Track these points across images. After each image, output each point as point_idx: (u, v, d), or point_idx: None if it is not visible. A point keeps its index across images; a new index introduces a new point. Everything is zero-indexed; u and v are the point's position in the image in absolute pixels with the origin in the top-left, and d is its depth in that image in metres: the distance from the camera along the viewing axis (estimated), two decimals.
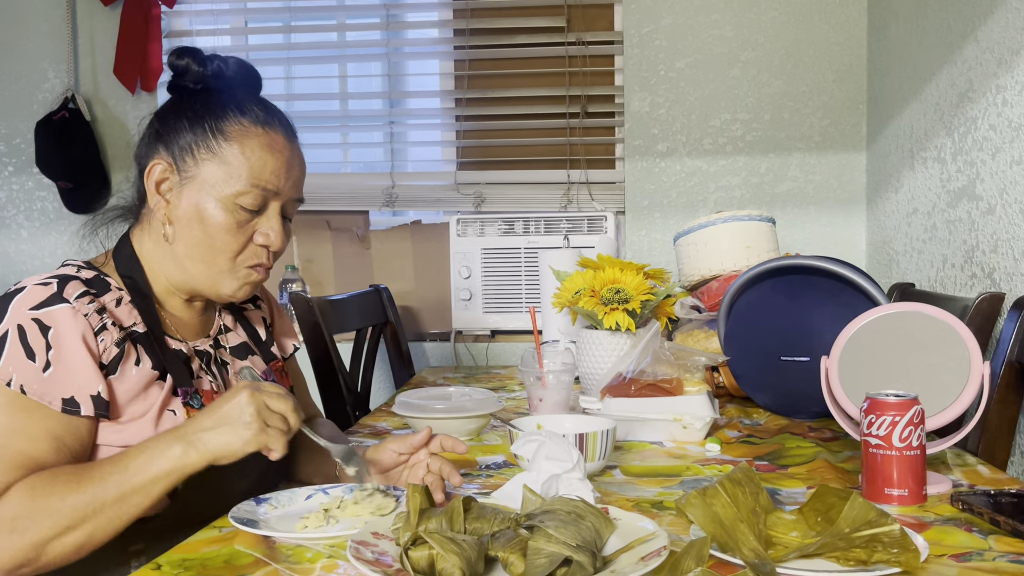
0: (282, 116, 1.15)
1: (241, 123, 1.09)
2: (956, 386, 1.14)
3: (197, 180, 1.09)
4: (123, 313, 1.07)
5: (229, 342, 1.21)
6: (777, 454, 1.31)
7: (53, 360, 0.98)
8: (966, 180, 1.83)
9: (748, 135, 2.59)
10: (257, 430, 0.94)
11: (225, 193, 1.08)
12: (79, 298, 1.02)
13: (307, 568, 0.86)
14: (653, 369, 1.46)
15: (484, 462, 1.29)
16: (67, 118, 2.65)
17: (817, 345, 1.47)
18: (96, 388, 0.99)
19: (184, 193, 1.09)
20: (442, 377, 2.17)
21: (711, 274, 1.95)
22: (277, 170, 1.10)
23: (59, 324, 0.99)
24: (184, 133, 1.09)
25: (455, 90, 2.73)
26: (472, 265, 2.57)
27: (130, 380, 1.03)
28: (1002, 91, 1.67)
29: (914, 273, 2.14)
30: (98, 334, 1.01)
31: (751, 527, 0.85)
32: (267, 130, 1.11)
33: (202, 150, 1.08)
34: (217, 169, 1.08)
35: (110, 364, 1.02)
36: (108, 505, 0.93)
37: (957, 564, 0.84)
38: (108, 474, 0.94)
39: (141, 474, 0.94)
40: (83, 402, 0.99)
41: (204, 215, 1.08)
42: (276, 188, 1.10)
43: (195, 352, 1.14)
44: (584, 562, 0.77)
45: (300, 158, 1.16)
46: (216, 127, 1.09)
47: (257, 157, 1.09)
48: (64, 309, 1.00)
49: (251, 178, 1.08)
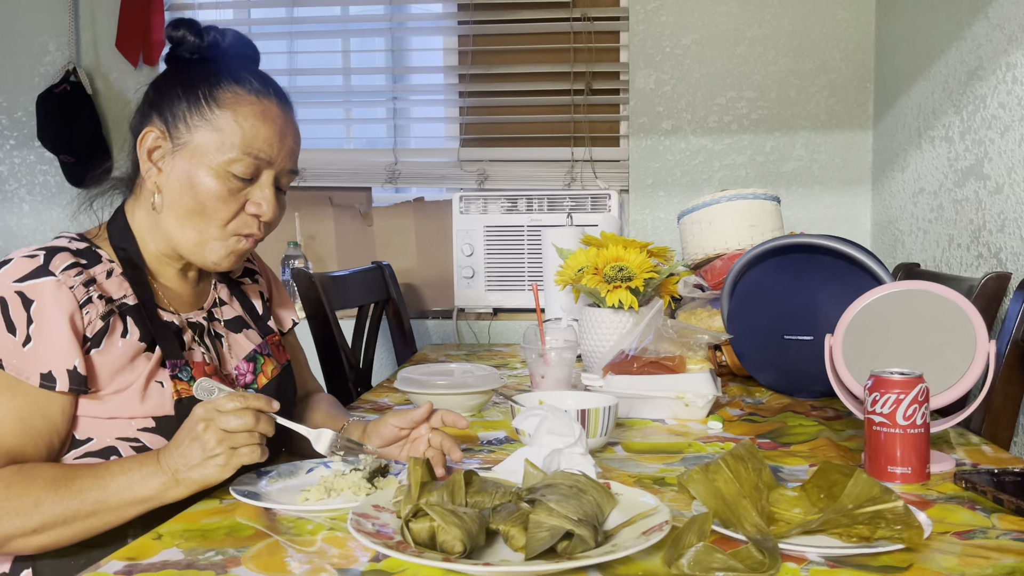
0: (277, 87, 1.14)
1: (235, 91, 1.09)
2: (961, 365, 1.13)
3: (189, 147, 1.08)
4: (113, 285, 1.06)
5: (224, 315, 1.21)
6: (779, 432, 1.31)
7: (34, 335, 0.98)
8: (974, 159, 1.82)
9: (753, 113, 2.57)
10: (226, 459, 0.93)
11: (217, 160, 1.07)
12: (66, 270, 1.01)
13: (308, 540, 0.86)
14: (656, 347, 1.46)
15: (485, 438, 1.29)
16: (68, 91, 2.63)
17: (821, 324, 1.46)
18: (73, 362, 0.99)
19: (176, 160, 1.08)
20: (444, 354, 2.17)
21: (715, 253, 1.94)
22: (270, 139, 1.09)
23: (42, 298, 0.99)
24: (177, 101, 1.09)
25: (459, 66, 2.71)
26: (475, 243, 2.56)
27: (115, 352, 1.02)
28: (1012, 68, 1.65)
29: (919, 253, 2.13)
30: (83, 307, 1.01)
31: (754, 503, 0.85)
32: (261, 99, 1.10)
33: (195, 117, 1.08)
34: (210, 136, 1.07)
35: (94, 337, 1.01)
36: (80, 518, 0.94)
37: (960, 542, 0.84)
38: (87, 488, 0.94)
39: (119, 496, 0.94)
40: (60, 377, 0.98)
41: (196, 182, 1.07)
42: (269, 157, 1.09)
43: (188, 324, 1.14)
44: (585, 536, 0.76)
45: (295, 129, 1.15)
46: (210, 94, 1.08)
47: (250, 125, 1.08)
48: (48, 283, 1.00)
49: (244, 146, 1.07)
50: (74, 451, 1.02)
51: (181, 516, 0.93)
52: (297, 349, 1.37)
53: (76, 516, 0.94)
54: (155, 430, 1.03)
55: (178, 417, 1.04)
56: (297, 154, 1.15)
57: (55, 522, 0.93)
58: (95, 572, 0.78)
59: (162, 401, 1.04)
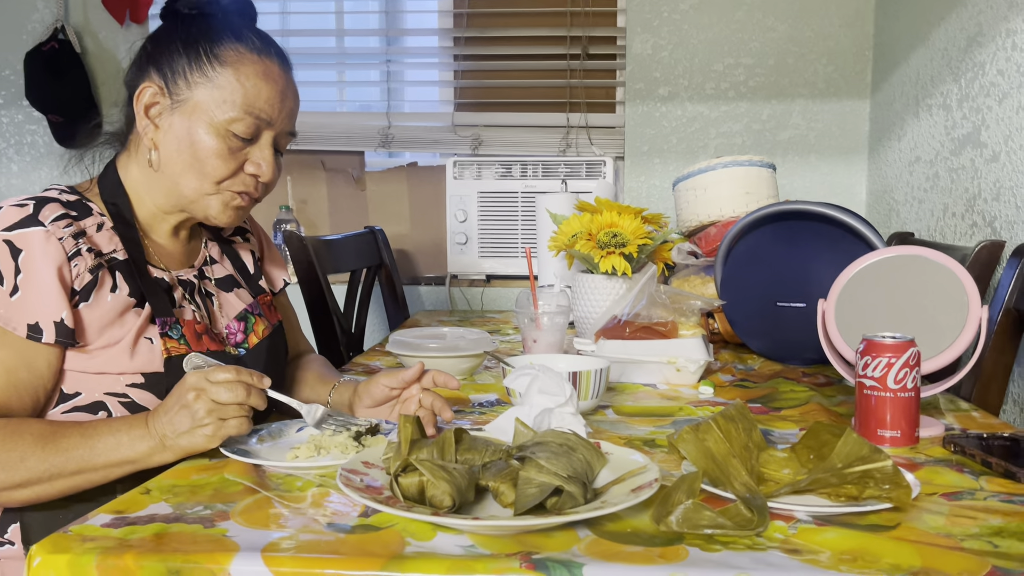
0: (278, 47, 1.13)
1: (237, 49, 1.07)
2: (953, 330, 1.13)
3: (189, 104, 1.06)
4: (103, 239, 1.05)
5: (215, 274, 1.20)
6: (770, 397, 1.31)
7: (22, 285, 0.97)
8: (971, 127, 1.80)
9: (751, 80, 2.55)
10: (214, 429, 0.92)
11: (218, 119, 1.06)
12: (55, 221, 1.00)
13: (298, 496, 0.86)
14: (648, 312, 1.45)
15: (477, 400, 1.29)
16: (56, 49, 2.59)
17: (814, 291, 1.46)
18: (60, 314, 0.98)
19: (175, 117, 1.07)
20: (436, 320, 2.16)
21: (709, 220, 1.93)
22: (271, 99, 1.08)
23: (31, 247, 0.98)
24: (177, 57, 1.07)
25: (454, 28, 2.68)
26: (468, 208, 2.54)
27: (104, 306, 1.01)
28: (1012, 35, 1.63)
29: (914, 223, 2.13)
30: (71, 259, 1.00)
31: (743, 462, 0.85)
32: (263, 58, 1.09)
33: (195, 74, 1.06)
34: (210, 94, 1.06)
35: (82, 290, 1.00)
36: (65, 476, 0.93)
37: (948, 502, 0.84)
38: (73, 447, 0.93)
39: (105, 457, 0.93)
40: (47, 329, 0.98)
41: (195, 140, 1.06)
42: (269, 117, 1.08)
43: (178, 281, 1.13)
44: (575, 492, 0.76)
45: (294, 91, 1.14)
46: (211, 51, 1.07)
47: (252, 84, 1.07)
48: (37, 232, 0.99)
49: (245, 105, 1.06)
50: (62, 405, 1.02)
51: (170, 472, 0.93)
52: (288, 310, 1.37)
53: (61, 473, 0.93)
54: (144, 386, 1.03)
55: (167, 374, 1.03)
56: (296, 115, 1.15)
57: (40, 478, 0.93)
58: (83, 524, 0.77)
59: (151, 357, 1.03)
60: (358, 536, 0.75)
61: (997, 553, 0.72)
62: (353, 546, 0.73)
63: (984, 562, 0.70)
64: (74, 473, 0.94)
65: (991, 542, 0.74)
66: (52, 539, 0.74)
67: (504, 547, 0.72)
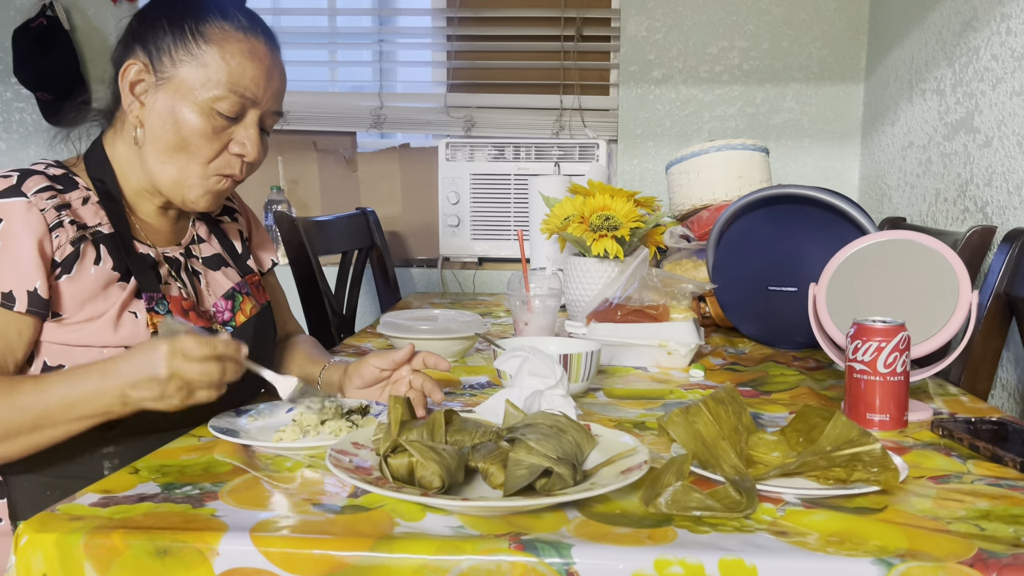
0: (265, 25, 1.12)
1: (223, 27, 1.06)
2: (943, 315, 1.13)
3: (174, 82, 1.05)
4: (88, 212, 1.05)
5: (202, 252, 1.19)
6: (761, 381, 1.31)
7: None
8: (964, 112, 1.80)
9: (745, 64, 2.54)
10: (181, 400, 0.91)
11: (202, 97, 1.05)
12: (38, 192, 1.00)
13: (287, 476, 0.85)
14: (640, 295, 1.45)
15: (468, 382, 1.29)
16: (45, 26, 2.56)
17: (805, 275, 1.46)
18: (34, 284, 0.97)
19: (160, 95, 1.06)
20: (428, 302, 2.16)
21: (702, 203, 1.92)
22: (257, 78, 1.07)
23: (11, 217, 0.98)
24: (163, 34, 1.06)
25: (447, 8, 2.65)
26: (461, 190, 2.53)
27: (87, 279, 1.01)
28: (1007, 19, 1.63)
29: (906, 208, 2.13)
30: (53, 230, 0.99)
31: (732, 445, 0.85)
32: (249, 36, 1.08)
33: (180, 51, 1.05)
34: (195, 72, 1.05)
35: (63, 262, 1.00)
36: (24, 432, 0.92)
37: (935, 485, 0.84)
38: (28, 404, 0.92)
39: (61, 413, 0.92)
40: (20, 298, 0.97)
41: (179, 118, 1.05)
42: (255, 96, 1.08)
43: (164, 258, 1.12)
44: (564, 474, 0.76)
45: (281, 70, 1.13)
46: (196, 29, 1.06)
47: (237, 63, 1.06)
48: (18, 203, 0.98)
49: (230, 83, 1.05)
50: None
51: (158, 452, 0.93)
52: (277, 290, 1.36)
53: (20, 430, 0.92)
54: None
55: None
56: (283, 95, 1.14)
57: None
58: (70, 503, 0.77)
59: (136, 331, 1.02)
60: (347, 516, 0.75)
61: (983, 536, 0.72)
62: (342, 526, 0.72)
63: (970, 544, 0.70)
64: (33, 430, 0.92)
65: (977, 525, 0.75)
66: (40, 518, 0.74)
67: (493, 528, 0.72)
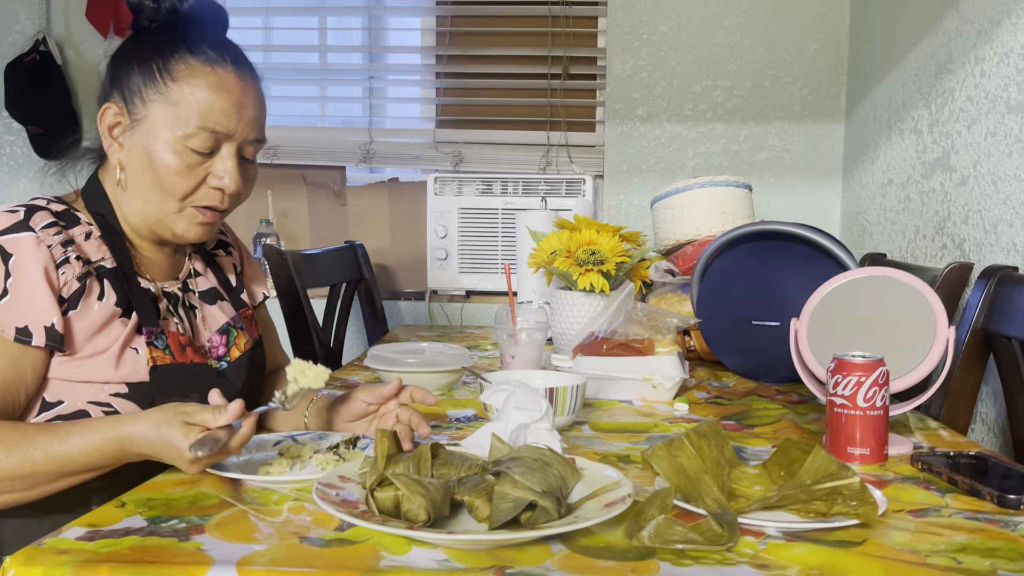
0: (236, 53, 1.10)
1: (188, 62, 1.06)
2: (921, 350, 1.15)
3: (146, 123, 1.06)
4: (91, 247, 1.06)
5: (199, 286, 1.20)
6: (744, 415, 1.33)
7: (11, 288, 0.98)
8: (941, 151, 1.85)
9: (728, 102, 2.59)
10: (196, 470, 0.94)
11: (174, 135, 1.05)
12: (45, 228, 1.01)
13: (273, 510, 0.86)
14: (625, 329, 1.47)
15: (454, 415, 1.29)
16: (38, 61, 2.59)
17: (788, 310, 1.48)
18: (51, 319, 0.98)
19: (135, 136, 1.07)
20: (415, 335, 2.17)
21: (687, 239, 1.95)
22: (227, 109, 1.06)
23: (21, 252, 0.99)
24: (134, 75, 1.06)
25: (436, 47, 2.70)
26: (449, 224, 2.56)
27: (91, 315, 1.02)
28: (980, 62, 1.68)
29: (886, 244, 2.16)
30: (60, 266, 1.00)
31: (715, 478, 0.86)
32: (216, 68, 1.06)
33: (150, 91, 1.05)
34: (165, 111, 1.05)
35: (71, 298, 1.01)
36: (39, 485, 0.94)
37: (914, 519, 0.86)
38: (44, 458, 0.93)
39: (78, 469, 0.94)
40: (36, 332, 0.98)
41: (154, 158, 1.05)
42: (227, 129, 1.06)
43: (163, 293, 1.13)
44: (549, 507, 0.77)
45: (255, 96, 1.10)
46: (163, 67, 1.05)
47: (204, 97, 1.05)
48: (28, 238, 0.99)
49: (199, 119, 1.04)
50: (44, 414, 1.01)
51: (145, 485, 0.93)
52: (268, 323, 1.37)
53: (36, 482, 0.94)
54: (128, 396, 1.03)
55: (152, 383, 1.04)
56: (260, 122, 1.12)
57: (11, 487, 0.93)
58: (57, 537, 0.77)
59: (137, 367, 1.03)
60: (333, 550, 0.75)
61: (960, 569, 0.73)
62: (328, 560, 0.73)
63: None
64: (49, 482, 0.94)
65: (955, 558, 0.76)
66: (26, 552, 0.74)
67: (478, 561, 0.73)
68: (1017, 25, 1.55)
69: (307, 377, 1.00)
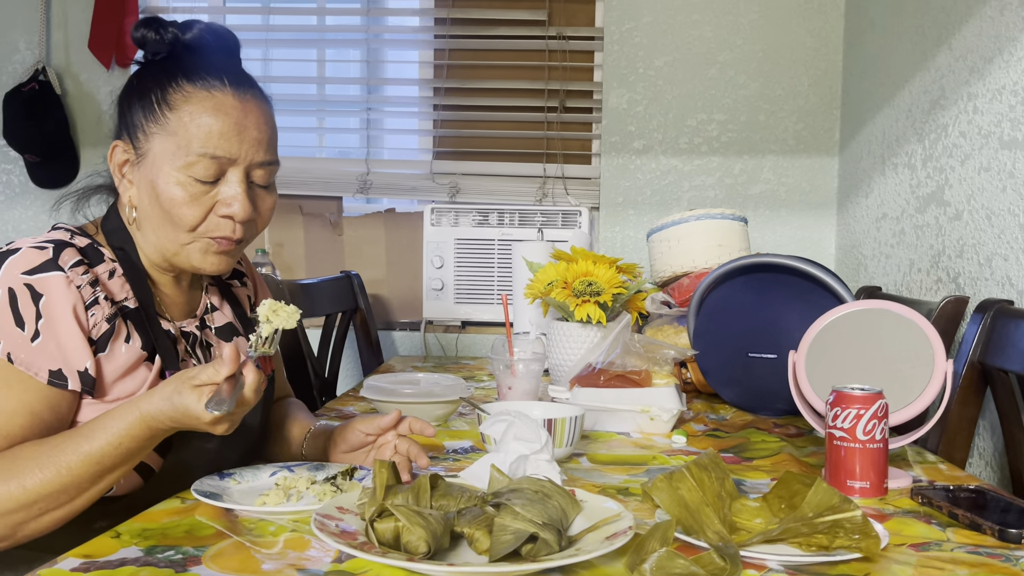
0: (236, 75, 1.06)
1: (183, 90, 1.03)
2: (920, 383, 1.15)
3: (150, 157, 1.04)
4: (115, 286, 1.04)
5: (215, 322, 1.18)
6: (742, 447, 1.32)
7: (43, 330, 0.96)
8: (935, 186, 1.86)
9: (723, 136, 2.61)
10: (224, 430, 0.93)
11: (176, 165, 1.02)
12: (74, 267, 0.99)
13: (270, 541, 0.85)
14: (622, 360, 1.47)
15: (451, 447, 1.29)
16: (37, 90, 2.59)
17: (785, 342, 1.48)
18: (84, 364, 0.97)
19: (142, 172, 1.05)
20: (411, 366, 2.16)
21: (683, 271, 1.96)
22: (226, 133, 1.02)
23: (52, 293, 0.97)
24: (137, 110, 1.05)
25: (434, 79, 2.72)
26: (445, 255, 2.56)
27: (119, 358, 1.01)
28: (973, 99, 1.70)
29: (881, 277, 2.17)
30: (89, 308, 0.99)
31: (716, 511, 0.86)
32: (213, 92, 1.03)
33: (151, 124, 1.04)
34: (166, 142, 1.03)
35: (99, 340, 0.99)
36: (83, 493, 0.93)
37: (916, 553, 0.85)
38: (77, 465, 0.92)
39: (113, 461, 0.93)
40: (70, 376, 0.97)
41: (160, 192, 1.03)
42: (229, 154, 1.03)
43: (181, 333, 1.12)
44: (550, 539, 0.77)
45: (257, 116, 1.05)
46: (161, 98, 1.03)
47: (201, 123, 1.01)
48: (58, 278, 0.97)
49: (199, 145, 1.01)
50: None
51: (141, 515, 0.92)
52: (277, 354, 1.36)
53: (80, 489, 0.93)
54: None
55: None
56: (266, 143, 1.06)
57: (57, 501, 0.92)
58: (51, 568, 0.76)
59: None
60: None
61: None
62: None
63: None
64: (91, 485, 0.93)
65: None
66: None
67: None
68: (1009, 62, 1.57)
69: (279, 317, 0.97)
